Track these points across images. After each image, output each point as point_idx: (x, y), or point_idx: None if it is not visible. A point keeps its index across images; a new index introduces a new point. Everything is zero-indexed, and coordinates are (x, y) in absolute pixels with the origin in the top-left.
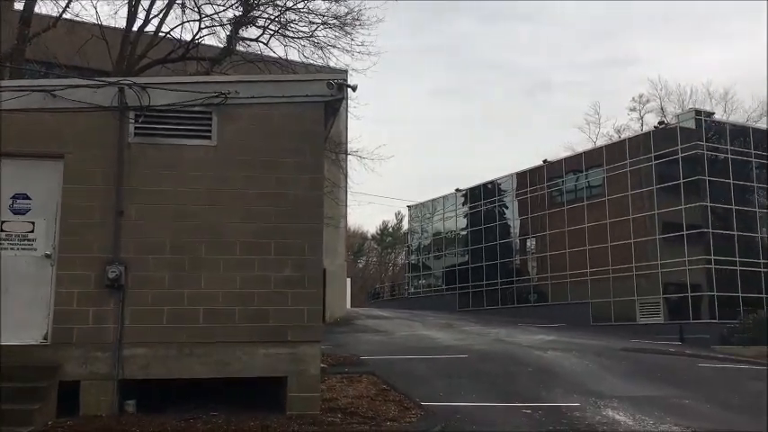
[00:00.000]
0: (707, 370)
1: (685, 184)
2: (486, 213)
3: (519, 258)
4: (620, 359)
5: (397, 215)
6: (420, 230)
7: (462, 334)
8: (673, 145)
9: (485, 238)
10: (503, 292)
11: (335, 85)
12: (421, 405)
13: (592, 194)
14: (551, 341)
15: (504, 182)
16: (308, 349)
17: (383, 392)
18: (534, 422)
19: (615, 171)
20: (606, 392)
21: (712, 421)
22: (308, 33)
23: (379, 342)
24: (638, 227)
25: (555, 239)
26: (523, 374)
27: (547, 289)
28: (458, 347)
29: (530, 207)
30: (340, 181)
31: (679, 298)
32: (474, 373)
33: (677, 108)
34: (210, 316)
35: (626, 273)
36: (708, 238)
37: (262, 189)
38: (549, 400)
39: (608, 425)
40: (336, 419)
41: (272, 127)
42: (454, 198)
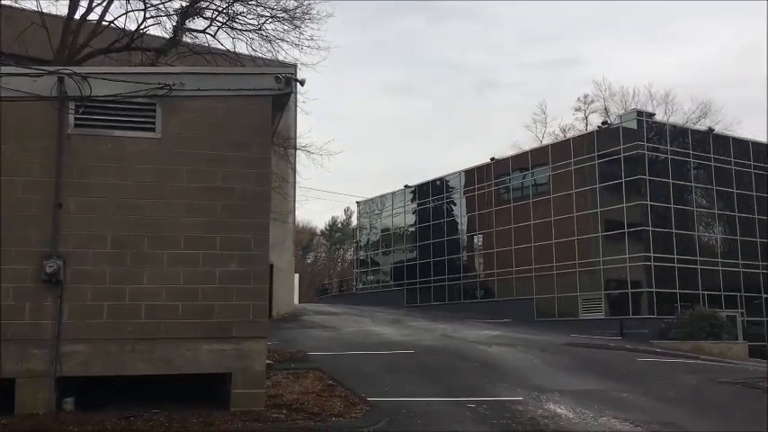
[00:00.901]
0: (645, 364)
1: (627, 183)
2: (434, 210)
3: (466, 255)
4: (562, 354)
5: (346, 211)
6: (369, 226)
7: (409, 330)
8: (615, 145)
9: (433, 234)
10: (450, 288)
11: (283, 79)
12: (367, 400)
13: (537, 192)
14: (497, 336)
15: (453, 179)
16: (253, 345)
17: (329, 388)
18: (478, 416)
19: (560, 170)
20: (548, 386)
21: (649, 413)
22: (256, 26)
23: (327, 338)
24: (582, 224)
25: (501, 236)
26: (469, 369)
27: (493, 285)
28: (405, 343)
29: (477, 204)
30: (288, 176)
31: (620, 294)
32: (420, 368)
33: (620, 109)
34: (153, 312)
35: (569, 269)
36: (648, 236)
37: (207, 183)
38: (494, 395)
39: (549, 418)
40: (281, 415)
41: (219, 120)
42: (403, 194)
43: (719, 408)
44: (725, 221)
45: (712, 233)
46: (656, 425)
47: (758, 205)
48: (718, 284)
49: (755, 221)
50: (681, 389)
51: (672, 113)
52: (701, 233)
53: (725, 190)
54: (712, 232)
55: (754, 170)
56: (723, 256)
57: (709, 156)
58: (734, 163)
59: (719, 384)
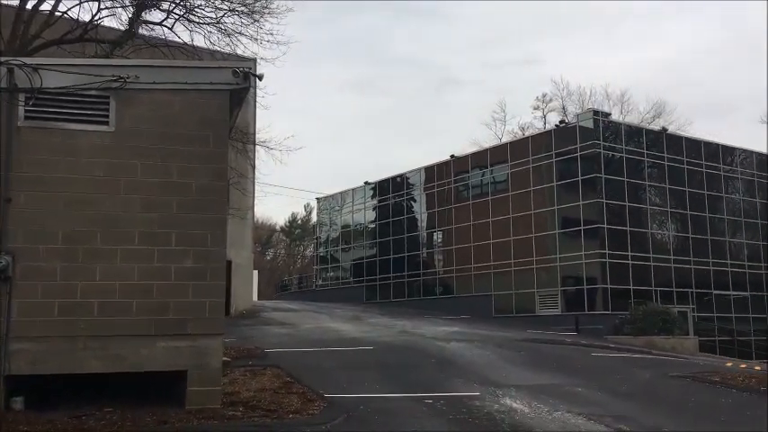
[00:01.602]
0: (599, 359)
1: (583, 182)
2: (394, 207)
3: (426, 251)
4: (519, 349)
5: (307, 207)
6: (329, 223)
7: (369, 326)
8: (572, 144)
9: (393, 231)
10: (410, 285)
11: (241, 73)
12: (324, 397)
13: (496, 190)
14: (455, 332)
15: (413, 176)
16: (209, 342)
17: (287, 385)
18: (435, 411)
19: (519, 167)
20: (505, 382)
21: (602, 407)
22: (214, 19)
23: (285, 335)
24: (540, 222)
25: (461, 233)
26: (427, 365)
27: (452, 281)
28: (364, 339)
29: (437, 201)
30: (247, 171)
31: (576, 290)
32: (379, 364)
33: (578, 108)
34: (106, 308)
35: (527, 266)
36: (603, 234)
37: (163, 178)
38: (451, 390)
39: (505, 413)
40: (238, 413)
41: (175, 114)
42: (363, 191)
43: (670, 401)
44: (677, 219)
45: (665, 231)
46: (609, 418)
47: (709, 204)
48: (670, 281)
49: (706, 219)
50: (633, 383)
51: (627, 113)
52: (654, 231)
53: (677, 188)
54: (665, 230)
55: (705, 169)
56: (675, 254)
57: (663, 155)
58: (686, 162)
59: (671, 378)
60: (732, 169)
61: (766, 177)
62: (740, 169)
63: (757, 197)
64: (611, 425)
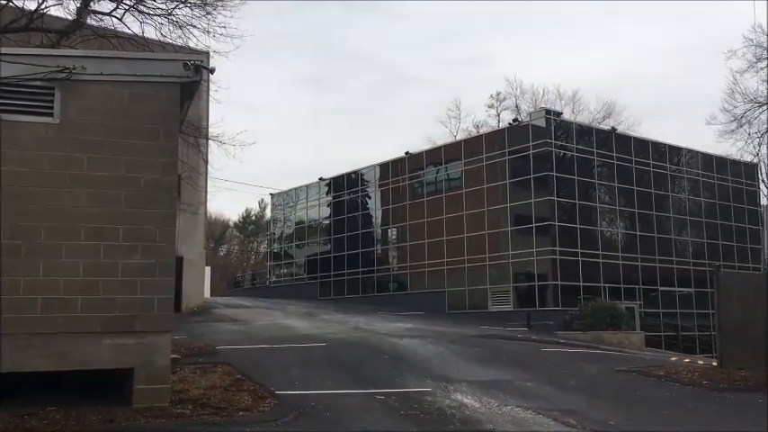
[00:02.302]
0: (549, 354)
1: (535, 179)
2: (348, 203)
3: (380, 248)
4: (471, 345)
5: (261, 203)
6: (283, 219)
7: (322, 322)
8: (525, 142)
9: (347, 227)
10: (364, 281)
11: (192, 66)
12: (275, 394)
13: (450, 187)
14: (408, 329)
15: (368, 172)
16: (157, 339)
17: (237, 382)
18: (387, 407)
19: (472, 165)
20: (457, 377)
21: (550, 401)
22: (166, 11)
23: (237, 332)
24: (492, 219)
25: (415, 230)
26: (379, 361)
27: (406, 278)
28: (316, 336)
29: (391, 198)
30: (199, 166)
31: (527, 287)
32: (331, 361)
33: (531, 107)
34: (50, 305)
35: (480, 263)
36: (554, 231)
37: (110, 172)
38: (403, 386)
39: (456, 408)
40: (186, 411)
41: (123, 107)
42: (317, 187)
43: (616, 395)
44: (625, 217)
45: (614, 228)
46: (557, 412)
47: (656, 202)
48: (618, 277)
49: (653, 218)
50: (581, 377)
51: (579, 113)
52: (603, 228)
53: (626, 187)
54: (614, 227)
55: (652, 169)
56: (623, 251)
57: (612, 154)
58: (634, 162)
59: (617, 373)
60: (678, 169)
61: (711, 177)
62: (686, 169)
63: (702, 196)
64: (558, 418)
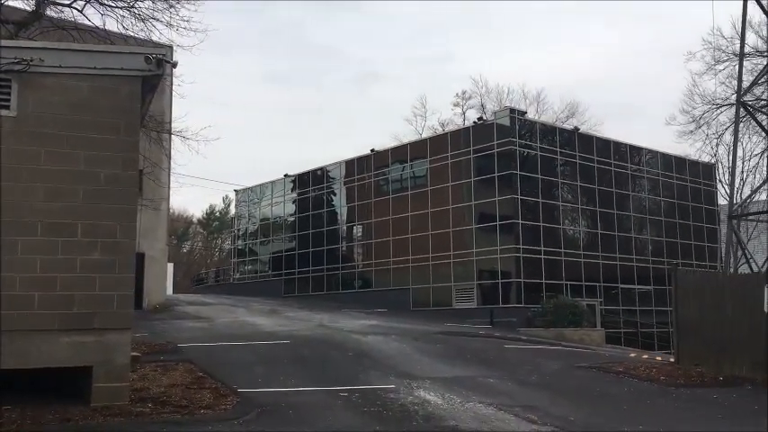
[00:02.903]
0: (512, 351)
1: (499, 178)
2: (314, 200)
3: (345, 245)
4: (435, 342)
5: (225, 199)
6: (247, 215)
7: (286, 320)
8: (489, 140)
9: (312, 224)
10: (329, 279)
11: (154, 59)
12: (238, 392)
13: (416, 185)
14: (372, 326)
15: (333, 169)
16: (116, 337)
17: (199, 380)
18: (350, 404)
19: (438, 163)
20: (420, 374)
21: (512, 397)
22: (128, 3)
23: (200, 329)
24: (457, 217)
25: (380, 227)
26: (343, 359)
27: (371, 275)
28: (280, 333)
29: (357, 195)
30: (162, 161)
31: (491, 284)
32: (295, 358)
33: (496, 106)
34: (6, 302)
35: (444, 260)
36: (518, 229)
37: (69, 166)
38: (366, 383)
39: (419, 404)
40: (146, 409)
41: (83, 100)
42: (283, 184)
43: (577, 391)
44: (587, 216)
45: (576, 227)
46: (518, 408)
47: (617, 201)
48: (579, 275)
49: (614, 216)
50: (543, 374)
51: (543, 112)
52: (565, 227)
53: (588, 186)
54: (576, 226)
55: (614, 168)
56: (585, 249)
57: (575, 154)
58: (596, 161)
59: (578, 369)
60: (639, 169)
61: (670, 177)
62: (646, 169)
63: (661, 196)
64: (520, 414)
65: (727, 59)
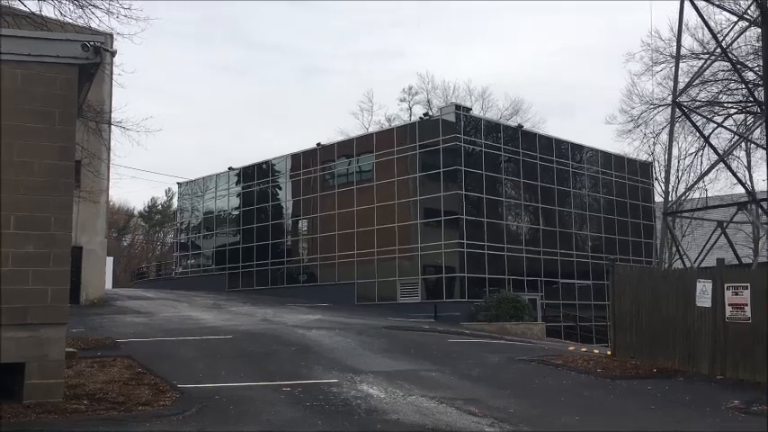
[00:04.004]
0: (454, 345)
1: (445, 173)
2: (259, 193)
3: (290, 239)
4: (379, 336)
5: (167, 192)
6: (190, 209)
7: (229, 314)
8: (435, 136)
9: (257, 218)
10: (273, 273)
11: (92, 47)
12: (178, 388)
13: (362, 179)
14: (317, 320)
15: (279, 163)
16: (51, 332)
17: (138, 376)
18: (292, 399)
19: (384, 158)
20: (363, 368)
21: (454, 390)
22: None
23: (140, 324)
24: (403, 211)
25: (326, 221)
26: (287, 353)
27: (316, 269)
28: (223, 328)
29: (303, 189)
30: (101, 152)
31: (435, 279)
32: (238, 353)
33: (442, 102)
34: None
35: (389, 255)
36: (462, 224)
37: (1, 155)
38: (309, 378)
39: (362, 398)
40: (81, 406)
41: (16, 88)
42: (227, 177)
43: (517, 383)
44: (530, 212)
45: (519, 222)
46: (460, 401)
47: (558, 198)
48: (522, 270)
49: (555, 212)
50: (484, 367)
51: (488, 109)
52: (509, 222)
53: (531, 183)
54: (519, 222)
55: (556, 165)
56: (527, 244)
57: (518, 150)
58: (539, 158)
59: (519, 362)
60: (580, 166)
61: (609, 175)
62: (587, 166)
63: (601, 193)
64: (461, 407)
65: (664, 61)
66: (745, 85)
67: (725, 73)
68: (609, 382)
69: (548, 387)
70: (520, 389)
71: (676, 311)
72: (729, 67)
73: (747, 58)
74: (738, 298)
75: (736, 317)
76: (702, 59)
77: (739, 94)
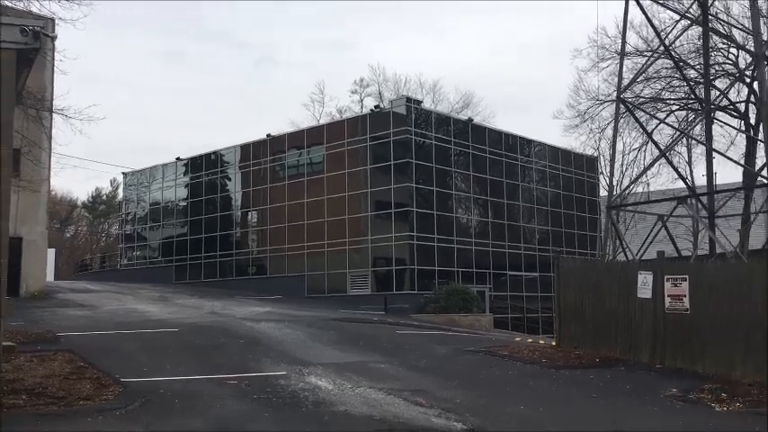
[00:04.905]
0: (403, 336)
1: (395, 166)
2: (207, 184)
3: (240, 231)
4: (328, 329)
5: (113, 182)
6: (136, 199)
7: (176, 307)
8: (386, 128)
9: (205, 209)
10: (222, 265)
11: (30, 31)
12: (121, 382)
13: (312, 171)
14: (266, 313)
15: (228, 153)
16: None
17: (79, 370)
18: (239, 392)
19: (335, 149)
20: (312, 360)
21: (402, 381)
22: None
23: (83, 317)
24: (353, 204)
25: (275, 213)
26: (234, 346)
27: (266, 261)
28: (170, 321)
29: (252, 180)
30: (42, 141)
31: (386, 271)
32: (184, 346)
33: (393, 94)
34: None
35: (340, 247)
36: (412, 217)
37: None
38: (257, 371)
39: (310, 391)
40: (20, 402)
41: None
42: (174, 167)
43: (464, 374)
44: (479, 205)
45: (468, 215)
46: (407, 392)
47: (507, 191)
48: (471, 262)
49: (504, 205)
50: (432, 358)
51: (439, 102)
52: (458, 215)
53: (480, 176)
54: (468, 214)
55: (505, 159)
56: (476, 237)
57: (468, 144)
58: (488, 152)
59: (466, 353)
60: (528, 160)
61: (557, 169)
62: (535, 160)
63: (548, 186)
64: (408, 398)
65: (610, 57)
66: (686, 82)
67: (668, 70)
68: (553, 372)
69: (494, 378)
70: (467, 380)
71: (618, 303)
72: (672, 64)
73: (689, 57)
74: (677, 289)
75: (675, 308)
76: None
77: (681, 92)
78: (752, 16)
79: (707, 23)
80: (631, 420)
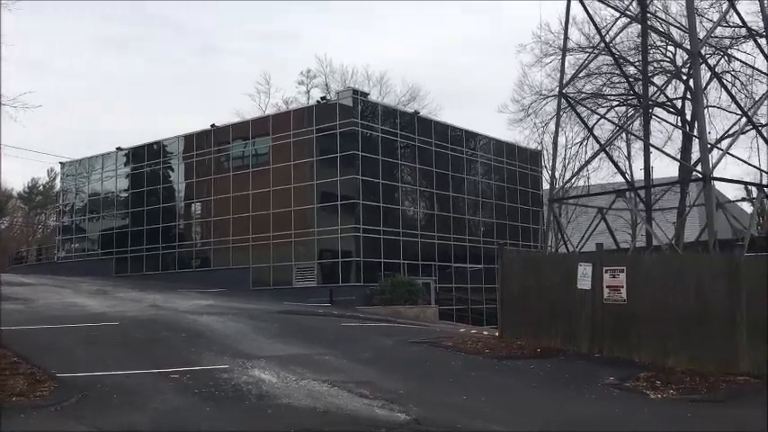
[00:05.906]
0: (349, 329)
1: (342, 158)
2: (149, 175)
3: (183, 223)
4: (273, 321)
5: (50, 172)
6: (75, 190)
7: (116, 300)
8: (332, 120)
9: (147, 200)
10: (164, 258)
11: None
12: (56, 377)
13: (258, 162)
14: (209, 306)
15: (171, 144)
16: None
17: (13, 366)
18: (181, 386)
19: (280, 141)
20: (256, 353)
21: (346, 374)
22: None
23: (16, 311)
24: (299, 195)
25: (220, 205)
26: (176, 340)
27: (210, 254)
28: (109, 315)
29: (196, 171)
30: None
31: (332, 263)
32: (124, 340)
33: (340, 86)
34: None
35: (285, 239)
36: (358, 209)
37: None
38: (199, 364)
39: (253, 384)
40: None
41: None
42: (115, 157)
43: (408, 366)
44: (425, 197)
45: (414, 208)
46: (352, 384)
47: (453, 184)
48: (416, 254)
49: (450, 198)
50: (377, 350)
51: (386, 95)
52: (405, 207)
53: (426, 169)
54: (414, 207)
55: (450, 152)
56: (422, 229)
57: (415, 137)
58: (434, 144)
59: (411, 345)
60: (474, 153)
61: (501, 162)
62: (480, 153)
63: (493, 179)
64: (353, 390)
65: (553, 53)
66: (626, 78)
67: (608, 67)
68: (496, 363)
69: (438, 369)
70: (411, 371)
71: (559, 294)
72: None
73: (629, 54)
74: (615, 280)
75: (613, 298)
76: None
77: (621, 88)
78: (688, 15)
79: (645, 21)
80: (570, 408)
